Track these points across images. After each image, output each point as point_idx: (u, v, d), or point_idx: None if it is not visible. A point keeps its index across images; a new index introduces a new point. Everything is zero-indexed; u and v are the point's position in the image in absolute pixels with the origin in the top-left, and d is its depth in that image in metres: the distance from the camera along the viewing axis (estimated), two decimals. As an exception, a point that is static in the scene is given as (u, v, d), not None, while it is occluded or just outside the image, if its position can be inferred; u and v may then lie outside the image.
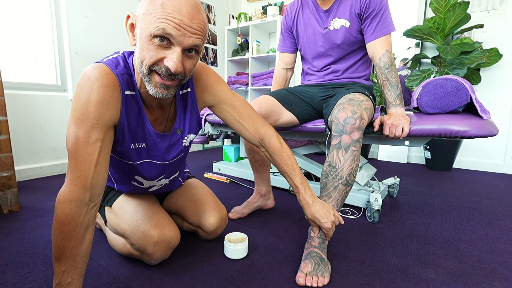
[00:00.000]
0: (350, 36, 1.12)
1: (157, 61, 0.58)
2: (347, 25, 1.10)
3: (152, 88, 0.61)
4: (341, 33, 1.12)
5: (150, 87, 0.61)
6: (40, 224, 1.13)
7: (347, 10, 1.09)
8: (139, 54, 0.58)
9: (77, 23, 1.94)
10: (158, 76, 0.59)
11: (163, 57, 0.57)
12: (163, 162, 0.80)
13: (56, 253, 0.57)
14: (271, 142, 0.85)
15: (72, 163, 0.58)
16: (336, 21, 1.12)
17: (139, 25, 0.58)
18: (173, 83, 0.61)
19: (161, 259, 0.82)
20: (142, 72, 0.60)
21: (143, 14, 0.56)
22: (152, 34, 0.55)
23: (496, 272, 0.84)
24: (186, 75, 0.62)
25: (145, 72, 0.59)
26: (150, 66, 0.58)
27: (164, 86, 0.60)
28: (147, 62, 0.58)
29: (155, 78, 0.60)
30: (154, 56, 0.57)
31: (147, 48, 0.57)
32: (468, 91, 0.97)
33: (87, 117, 0.58)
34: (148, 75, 0.59)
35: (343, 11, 1.11)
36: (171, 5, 0.54)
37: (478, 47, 2.02)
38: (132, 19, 0.60)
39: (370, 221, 1.20)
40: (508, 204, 1.48)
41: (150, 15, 0.55)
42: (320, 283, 0.75)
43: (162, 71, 0.58)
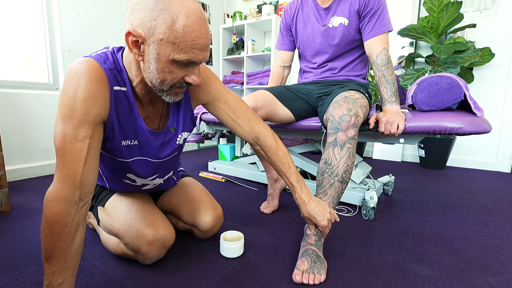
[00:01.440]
0: (348, 34, 1.13)
1: (179, 80, 0.61)
2: (346, 23, 1.11)
3: (170, 98, 0.64)
4: (339, 31, 1.13)
5: (168, 97, 0.64)
6: (31, 224, 1.10)
7: (346, 8, 1.10)
8: (157, 74, 0.59)
9: (70, 20, 1.91)
10: (178, 88, 0.63)
11: (184, 75, 0.61)
12: (157, 160, 0.79)
13: (45, 254, 0.55)
14: (266, 141, 0.84)
15: (60, 161, 0.56)
16: (335, 19, 1.13)
17: (155, 49, 0.55)
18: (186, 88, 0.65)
19: (156, 259, 0.81)
20: (161, 89, 0.62)
21: (161, 41, 0.54)
22: (176, 61, 0.57)
23: (490, 267, 0.85)
24: None
25: (166, 89, 0.62)
26: (172, 85, 0.61)
27: (182, 92, 0.66)
28: (169, 82, 0.60)
29: (175, 90, 0.63)
30: (177, 77, 0.60)
31: (169, 72, 0.58)
32: (462, 88, 0.98)
33: (74, 113, 0.56)
34: (169, 90, 0.62)
35: (342, 9, 1.12)
36: (194, 30, 0.55)
37: (471, 46, 2.04)
38: (136, 37, 0.55)
39: (366, 218, 1.21)
40: (501, 201, 1.50)
41: (173, 44, 0.55)
42: (317, 281, 0.75)
43: (183, 85, 0.63)
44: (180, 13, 0.53)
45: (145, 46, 0.56)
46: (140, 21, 0.54)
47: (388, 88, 1.04)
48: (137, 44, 0.57)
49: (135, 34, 0.54)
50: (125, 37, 0.56)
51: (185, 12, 0.54)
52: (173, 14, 0.53)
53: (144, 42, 0.56)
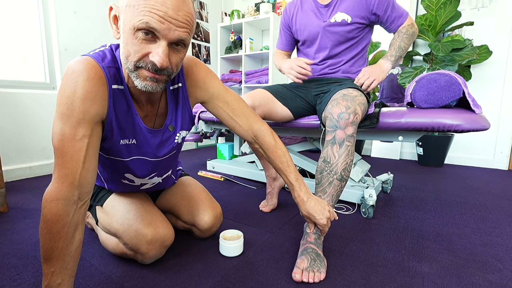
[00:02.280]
0: (349, 31, 1.13)
1: (142, 57, 0.55)
2: (349, 20, 1.12)
3: (140, 82, 0.58)
4: (341, 27, 1.14)
5: (138, 81, 0.58)
6: (29, 225, 1.10)
7: (350, 6, 1.12)
8: (124, 48, 0.56)
9: (66, 19, 1.90)
10: (146, 70, 0.57)
11: (148, 52, 0.55)
12: (155, 159, 0.78)
13: (44, 254, 0.55)
14: (265, 139, 0.84)
15: (59, 161, 0.55)
16: (337, 15, 1.14)
17: (122, 18, 0.55)
18: (161, 77, 0.59)
19: (155, 258, 0.81)
20: (128, 68, 0.58)
21: (126, 6, 0.54)
22: (135, 28, 0.53)
23: (488, 264, 0.85)
24: (174, 70, 0.60)
25: (131, 68, 0.57)
26: (136, 62, 0.56)
27: (154, 79, 0.58)
28: (132, 58, 0.56)
29: (143, 72, 0.57)
30: (139, 51, 0.55)
31: (131, 43, 0.55)
32: (461, 86, 0.98)
33: (73, 112, 0.56)
34: (135, 71, 0.57)
35: (346, 6, 1.13)
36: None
37: (469, 44, 2.05)
38: (115, 11, 0.57)
39: (365, 216, 1.21)
40: (499, 198, 1.51)
41: (133, 7, 0.52)
42: (317, 279, 0.75)
43: (148, 67, 0.56)
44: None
45: (120, 21, 0.57)
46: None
47: (396, 50, 1.11)
48: (116, 20, 0.58)
49: (114, 7, 0.57)
50: (108, 14, 0.58)
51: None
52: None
53: (119, 16, 0.57)
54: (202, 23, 3.07)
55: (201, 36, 3.08)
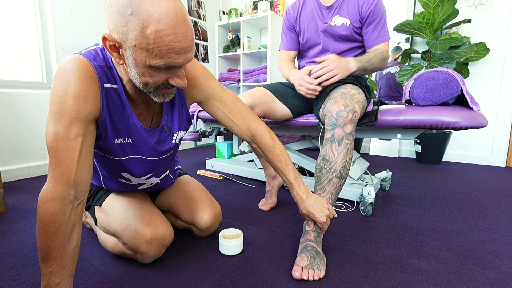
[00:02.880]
0: (349, 35, 1.14)
1: (162, 83, 0.59)
2: (348, 24, 1.12)
3: (159, 98, 0.62)
4: (341, 30, 1.14)
5: (157, 98, 0.62)
6: (28, 225, 1.09)
7: (349, 9, 1.12)
8: (139, 78, 0.57)
9: (63, 18, 1.88)
10: (164, 89, 0.61)
11: (167, 77, 0.58)
12: (152, 158, 0.78)
13: (42, 254, 0.55)
14: (262, 138, 0.84)
15: (53, 160, 0.55)
16: (337, 18, 1.14)
17: (131, 54, 0.53)
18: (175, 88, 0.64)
19: (155, 258, 0.81)
20: (147, 91, 0.60)
21: (134, 46, 0.51)
22: (153, 66, 0.54)
23: (487, 261, 0.86)
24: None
25: (151, 91, 0.60)
26: (157, 87, 0.59)
27: (171, 92, 0.63)
28: (152, 85, 0.58)
29: (162, 91, 0.61)
30: (159, 81, 0.58)
31: (148, 75, 0.56)
32: (459, 83, 0.98)
33: (66, 111, 0.55)
34: (155, 92, 0.60)
35: (346, 10, 1.13)
36: (168, 35, 0.50)
37: (466, 41, 2.05)
38: (113, 42, 0.53)
39: (364, 214, 1.21)
40: (496, 195, 1.52)
41: (147, 51, 0.51)
42: (316, 277, 0.75)
43: (168, 86, 0.60)
44: (150, 17, 0.49)
45: (123, 51, 0.54)
46: (113, 26, 0.52)
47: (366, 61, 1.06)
48: (116, 48, 0.55)
49: (110, 39, 0.53)
50: (102, 42, 0.54)
51: (157, 15, 0.49)
52: (143, 19, 0.49)
53: (121, 47, 0.54)
54: (200, 22, 3.05)
55: (199, 35, 3.07)
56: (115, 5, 0.50)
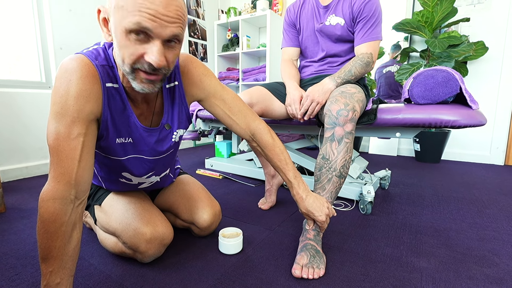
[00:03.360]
0: (344, 34, 1.14)
1: (138, 58, 0.54)
2: (342, 23, 1.12)
3: (138, 84, 0.58)
4: (336, 30, 1.14)
5: (135, 84, 0.58)
6: (27, 225, 1.09)
7: (345, 9, 1.12)
8: (118, 51, 0.55)
9: (61, 18, 1.87)
10: (143, 73, 0.56)
11: (143, 52, 0.53)
12: (152, 158, 0.78)
13: (42, 254, 0.55)
14: (262, 137, 0.84)
15: (55, 160, 0.55)
16: (332, 18, 1.14)
17: (112, 20, 0.53)
18: (158, 77, 0.58)
19: (155, 257, 0.81)
20: (125, 71, 0.57)
21: (114, 8, 0.51)
22: (127, 30, 0.51)
23: (485, 258, 0.86)
24: (170, 67, 0.59)
25: (128, 70, 0.56)
26: (132, 64, 0.55)
27: (150, 81, 0.57)
28: (128, 60, 0.54)
29: (140, 74, 0.56)
30: (133, 53, 0.53)
31: (124, 45, 0.53)
32: (458, 82, 0.98)
33: (67, 111, 0.55)
34: (132, 73, 0.56)
35: (340, 10, 1.13)
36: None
37: (465, 40, 2.05)
38: (104, 13, 0.55)
39: (363, 213, 1.21)
40: (495, 193, 1.52)
41: (122, 8, 0.50)
42: (316, 275, 0.75)
43: (145, 67, 0.55)
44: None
45: (111, 24, 0.54)
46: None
47: (345, 74, 1.05)
48: (106, 22, 0.56)
49: (103, 10, 0.55)
50: (97, 16, 0.56)
51: None
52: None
53: (109, 19, 0.54)
54: (198, 21, 3.05)
55: (198, 34, 3.06)
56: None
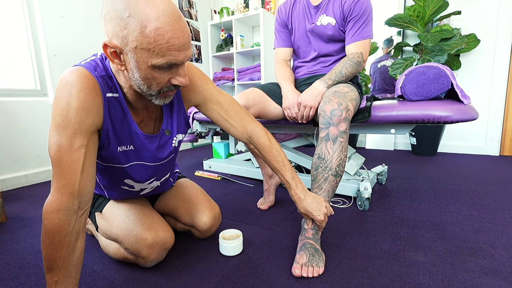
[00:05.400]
0: (336, 34, 1.15)
1: (165, 84, 0.60)
2: (333, 23, 1.13)
3: (161, 100, 0.64)
4: (327, 30, 1.15)
5: (158, 101, 0.63)
6: (28, 234, 1.10)
7: (335, 8, 1.13)
8: (142, 81, 0.58)
9: (53, 24, 1.87)
10: (166, 92, 0.62)
11: (170, 78, 0.59)
12: (153, 163, 0.79)
13: (47, 264, 0.56)
14: (259, 140, 0.85)
15: (57, 171, 0.56)
16: (323, 18, 1.14)
17: (133, 57, 0.54)
18: (176, 90, 0.64)
19: (157, 261, 0.82)
20: (149, 95, 0.61)
21: (136, 48, 0.53)
22: (155, 66, 0.55)
23: (481, 250, 0.88)
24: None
25: (154, 94, 0.61)
26: (160, 89, 0.60)
27: (171, 95, 0.64)
28: (155, 87, 0.59)
29: (164, 93, 0.62)
30: (161, 82, 0.59)
31: (152, 77, 0.57)
32: (449, 78, 1.00)
33: (69, 123, 0.56)
34: (158, 95, 0.62)
35: (331, 10, 1.14)
36: (167, 32, 0.52)
37: (457, 33, 2.07)
38: (113, 48, 0.54)
39: (361, 209, 1.23)
40: (491, 184, 1.55)
41: (148, 51, 0.53)
42: (316, 273, 0.77)
43: (171, 88, 0.62)
44: (148, 16, 0.50)
45: (124, 56, 0.55)
46: (113, 31, 0.53)
47: (336, 75, 1.06)
48: (117, 55, 0.56)
49: (111, 45, 0.54)
50: (103, 50, 0.55)
51: (154, 14, 0.51)
52: (141, 19, 0.50)
53: (122, 52, 0.55)
54: (191, 22, 3.04)
55: (191, 35, 3.05)
56: (112, 10, 0.52)
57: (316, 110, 1.06)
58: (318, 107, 1.04)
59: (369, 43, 1.10)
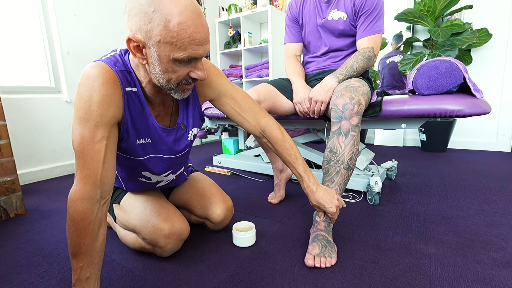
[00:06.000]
0: (347, 28, 1.15)
1: (184, 77, 0.62)
2: (345, 18, 1.13)
3: (180, 94, 0.66)
4: (338, 24, 1.15)
5: (177, 94, 0.66)
6: (48, 225, 1.14)
7: (347, 3, 1.13)
8: (162, 74, 0.60)
9: (66, 23, 1.91)
10: (185, 85, 0.65)
11: (189, 71, 0.62)
12: (170, 156, 0.82)
13: (72, 250, 0.58)
14: (272, 133, 0.87)
15: (80, 162, 0.59)
16: (335, 12, 1.15)
17: (155, 51, 0.57)
18: (193, 83, 0.67)
19: (173, 251, 0.85)
20: (168, 88, 0.63)
21: (159, 42, 0.55)
22: (176, 59, 0.58)
23: (492, 243, 0.88)
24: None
25: (173, 87, 0.63)
26: (178, 82, 0.63)
27: (189, 89, 0.67)
28: (175, 80, 0.62)
29: (182, 87, 0.65)
30: (181, 75, 0.61)
31: (172, 70, 0.60)
32: (462, 71, 1.00)
33: (91, 116, 0.59)
34: (176, 88, 0.64)
35: (342, 4, 1.14)
36: (189, 26, 0.54)
37: (468, 28, 2.04)
38: (136, 42, 0.57)
39: (371, 203, 1.24)
40: (502, 180, 1.53)
41: (171, 44, 0.55)
42: (328, 264, 0.78)
43: (189, 81, 0.64)
44: (172, 11, 0.53)
45: (147, 50, 0.58)
46: (137, 26, 0.55)
47: (347, 70, 1.07)
48: (139, 49, 0.58)
49: (134, 39, 0.56)
50: (127, 44, 0.58)
51: (177, 9, 0.53)
52: (166, 14, 0.53)
53: (145, 46, 0.57)
54: (200, 19, 3.06)
55: (200, 32, 3.07)
56: (137, 6, 0.54)
57: (327, 105, 1.07)
58: (329, 101, 1.05)
59: (380, 38, 1.10)
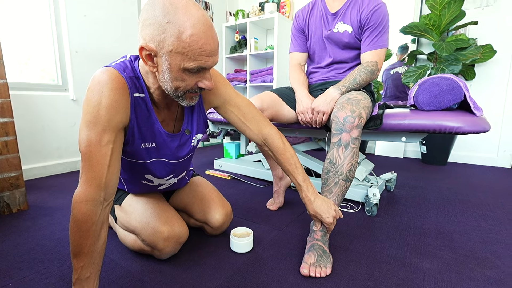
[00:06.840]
0: (352, 41, 1.17)
1: (192, 86, 0.65)
2: (350, 31, 1.15)
3: (187, 102, 0.69)
4: (344, 37, 1.18)
5: (184, 102, 0.68)
6: (49, 222, 1.16)
7: (353, 16, 1.15)
8: (171, 82, 0.63)
9: (76, 22, 1.95)
10: (192, 93, 0.67)
11: (197, 81, 0.64)
12: (173, 161, 0.84)
13: (74, 250, 0.60)
14: (274, 142, 0.89)
15: (86, 165, 0.60)
16: (340, 25, 1.17)
17: (166, 59, 0.59)
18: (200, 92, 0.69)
19: (171, 254, 0.86)
20: (176, 95, 0.66)
21: (171, 52, 0.57)
22: (186, 69, 0.60)
23: (487, 261, 0.89)
24: None
25: (180, 95, 0.66)
26: (186, 91, 0.65)
27: (196, 97, 0.70)
28: (183, 89, 0.64)
29: (190, 95, 0.67)
30: (189, 84, 0.64)
31: (182, 79, 0.62)
32: (462, 89, 1.01)
33: (99, 120, 0.61)
34: (183, 96, 0.67)
35: (348, 17, 1.16)
36: (201, 38, 0.57)
37: (473, 43, 2.06)
38: (149, 51, 0.59)
39: (369, 214, 1.25)
40: (501, 196, 1.54)
41: (182, 54, 0.58)
42: (323, 274, 0.80)
43: (196, 90, 0.66)
44: (185, 23, 0.56)
45: (158, 58, 0.60)
46: (150, 35, 0.58)
47: (350, 82, 1.09)
48: (151, 57, 0.61)
49: (147, 48, 0.59)
50: (139, 52, 0.60)
51: (190, 22, 0.56)
52: (179, 26, 0.56)
53: (157, 55, 0.60)
54: (207, 23, 3.09)
55: (207, 36, 3.10)
56: (152, 17, 0.57)
57: (329, 116, 1.09)
58: (331, 113, 1.06)
59: (384, 53, 1.12)
